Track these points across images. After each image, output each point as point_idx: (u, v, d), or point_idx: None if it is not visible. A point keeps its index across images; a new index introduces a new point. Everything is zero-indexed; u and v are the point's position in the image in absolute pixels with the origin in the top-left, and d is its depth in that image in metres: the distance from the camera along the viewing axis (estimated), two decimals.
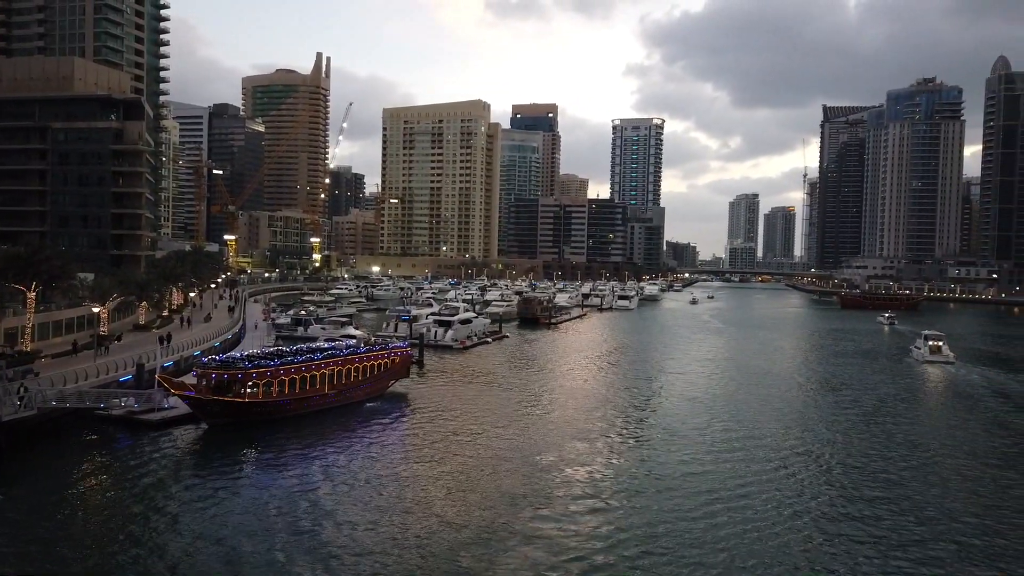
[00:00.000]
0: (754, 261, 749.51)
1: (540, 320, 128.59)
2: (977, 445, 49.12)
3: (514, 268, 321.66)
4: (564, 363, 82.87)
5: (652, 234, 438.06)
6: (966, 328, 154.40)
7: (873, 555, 29.93)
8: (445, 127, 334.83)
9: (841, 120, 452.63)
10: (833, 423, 54.77)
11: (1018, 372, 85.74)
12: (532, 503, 34.66)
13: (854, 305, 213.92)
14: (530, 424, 51.21)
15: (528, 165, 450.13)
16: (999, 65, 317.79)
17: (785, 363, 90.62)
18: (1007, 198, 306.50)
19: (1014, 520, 34.47)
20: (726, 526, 32.44)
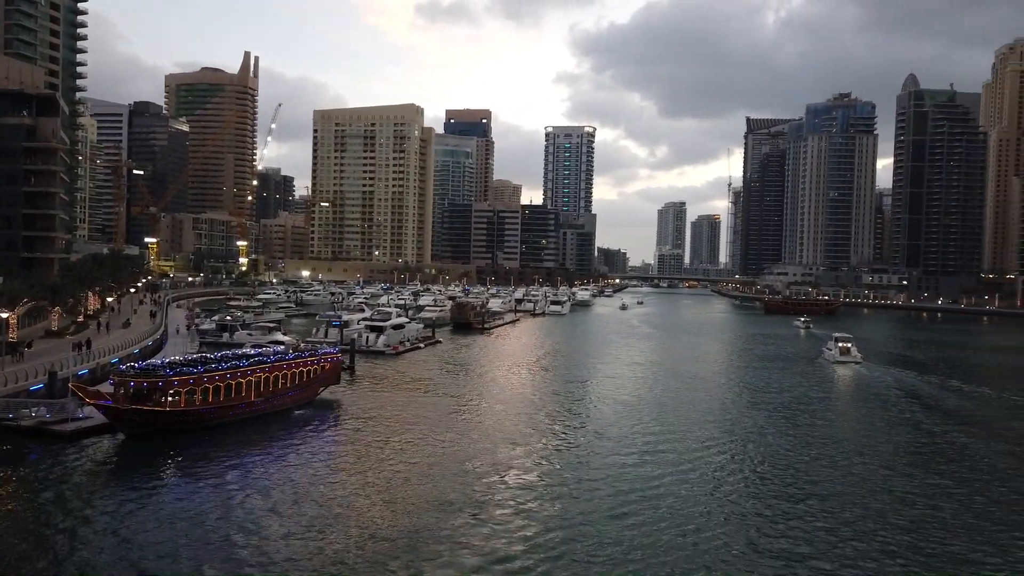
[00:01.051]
0: (682, 267, 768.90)
1: (473, 325, 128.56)
2: (885, 441, 51.60)
3: (447, 273, 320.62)
4: (497, 368, 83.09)
5: (584, 240, 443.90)
6: (877, 332, 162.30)
7: (790, 552, 31.07)
8: (378, 130, 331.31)
9: (763, 132, 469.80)
10: (753, 423, 56.63)
11: (920, 371, 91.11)
12: (462, 508, 34.62)
13: (777, 310, 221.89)
14: (462, 429, 51.14)
15: (462, 170, 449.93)
16: (909, 82, 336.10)
17: (711, 366, 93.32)
18: (916, 209, 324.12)
19: (925, 514, 36.32)
20: (650, 525, 33.13)
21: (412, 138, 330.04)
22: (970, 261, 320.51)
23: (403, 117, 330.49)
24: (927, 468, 45.42)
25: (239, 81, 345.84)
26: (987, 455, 49.02)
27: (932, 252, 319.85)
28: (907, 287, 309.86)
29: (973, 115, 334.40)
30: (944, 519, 35.53)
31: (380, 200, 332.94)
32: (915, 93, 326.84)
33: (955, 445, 51.83)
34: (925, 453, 49.51)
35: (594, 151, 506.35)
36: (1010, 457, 48.67)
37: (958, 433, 55.77)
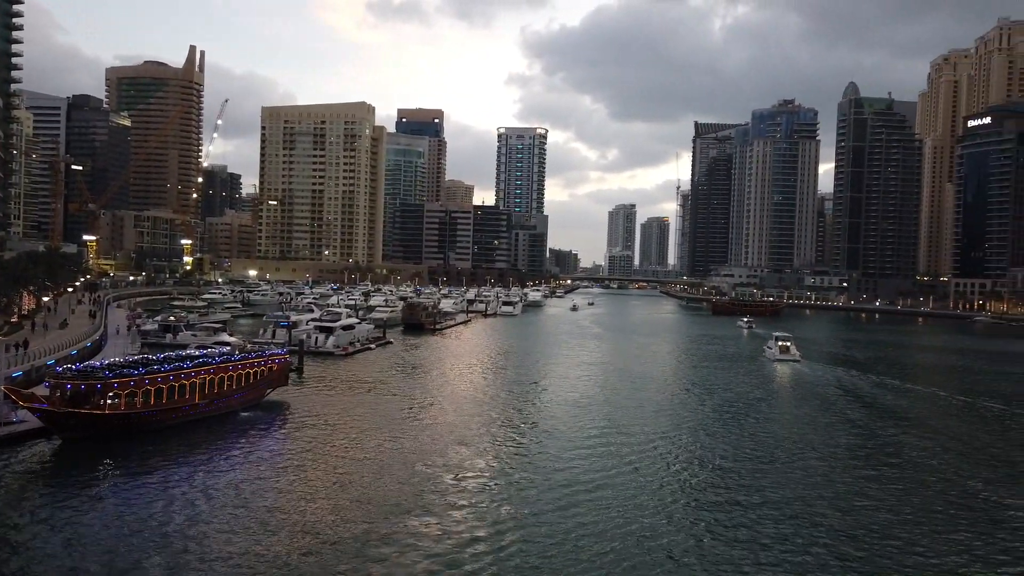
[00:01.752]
0: (632, 269, 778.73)
1: (425, 326, 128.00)
2: (823, 437, 53.19)
3: (399, 273, 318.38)
4: (449, 369, 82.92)
5: (536, 241, 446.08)
6: (818, 332, 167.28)
7: (734, 548, 31.85)
8: (328, 128, 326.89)
9: (711, 136, 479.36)
10: (699, 422, 57.78)
11: (856, 369, 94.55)
12: (411, 510, 34.49)
13: (724, 311, 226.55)
14: (412, 430, 50.91)
15: (414, 170, 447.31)
16: (849, 90, 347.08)
17: (659, 366, 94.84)
18: (856, 213, 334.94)
19: (863, 508, 37.60)
20: (601, 525, 33.52)
21: (363, 137, 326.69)
22: (906, 264, 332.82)
23: (354, 115, 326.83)
24: (864, 464, 46.97)
25: (184, 76, 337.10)
26: (922, 452, 51.00)
27: (871, 255, 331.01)
28: (847, 289, 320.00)
29: (910, 123, 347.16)
30: (882, 516, 36.75)
31: (330, 199, 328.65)
32: (855, 101, 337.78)
33: (891, 442, 53.76)
34: (862, 449, 51.18)
35: (546, 152, 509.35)
36: (945, 454, 50.67)
37: (894, 430, 57.88)
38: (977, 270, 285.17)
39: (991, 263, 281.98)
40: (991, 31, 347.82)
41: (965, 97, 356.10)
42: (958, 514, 36.99)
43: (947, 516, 36.59)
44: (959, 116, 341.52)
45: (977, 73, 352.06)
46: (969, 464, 47.32)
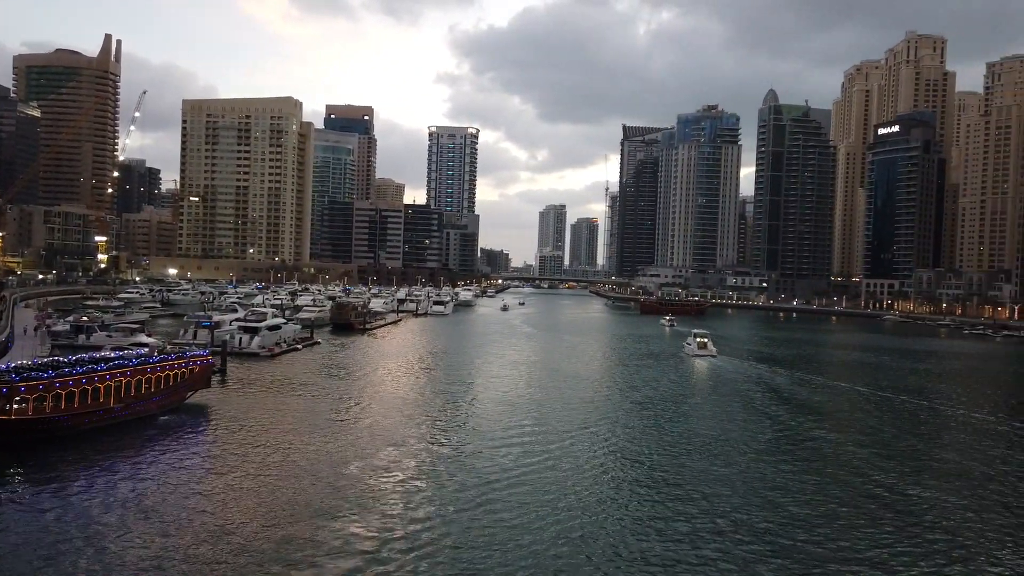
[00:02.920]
0: (562, 268, 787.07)
1: (354, 326, 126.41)
2: (738, 430, 55.33)
3: (327, 272, 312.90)
4: (379, 369, 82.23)
5: (467, 241, 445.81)
6: (739, 330, 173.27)
7: (655, 544, 32.89)
8: (253, 123, 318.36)
9: (638, 139, 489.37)
10: (624, 418, 59.15)
11: (771, 365, 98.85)
12: (337, 513, 34.21)
13: (652, 310, 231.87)
14: (341, 432, 50.37)
15: (343, 167, 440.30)
16: (769, 97, 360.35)
17: (587, 364, 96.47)
18: (775, 216, 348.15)
19: (781, 501, 39.34)
20: (532, 525, 34.03)
21: (290, 132, 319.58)
22: (821, 265, 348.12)
23: (280, 110, 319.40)
24: (781, 458, 49.02)
25: (99, 65, 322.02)
26: (835, 445, 53.64)
27: (789, 256, 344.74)
28: (767, 289, 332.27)
29: (825, 130, 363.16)
30: (802, 511, 38.46)
31: (255, 196, 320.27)
32: (774, 108, 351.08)
33: (806, 436, 56.31)
34: (778, 443, 53.39)
35: (477, 152, 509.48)
36: (858, 447, 53.39)
37: (809, 424, 60.61)
38: (886, 271, 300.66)
39: (899, 265, 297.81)
40: (899, 43, 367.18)
41: (876, 106, 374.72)
42: (873, 507, 38.74)
43: (862, 509, 38.25)
44: (870, 124, 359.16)
45: (887, 83, 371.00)
46: (881, 458, 49.98)
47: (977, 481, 44.31)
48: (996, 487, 43.07)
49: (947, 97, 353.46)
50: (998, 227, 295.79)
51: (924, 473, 45.88)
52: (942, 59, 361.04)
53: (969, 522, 36.39)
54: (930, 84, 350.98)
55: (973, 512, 38.01)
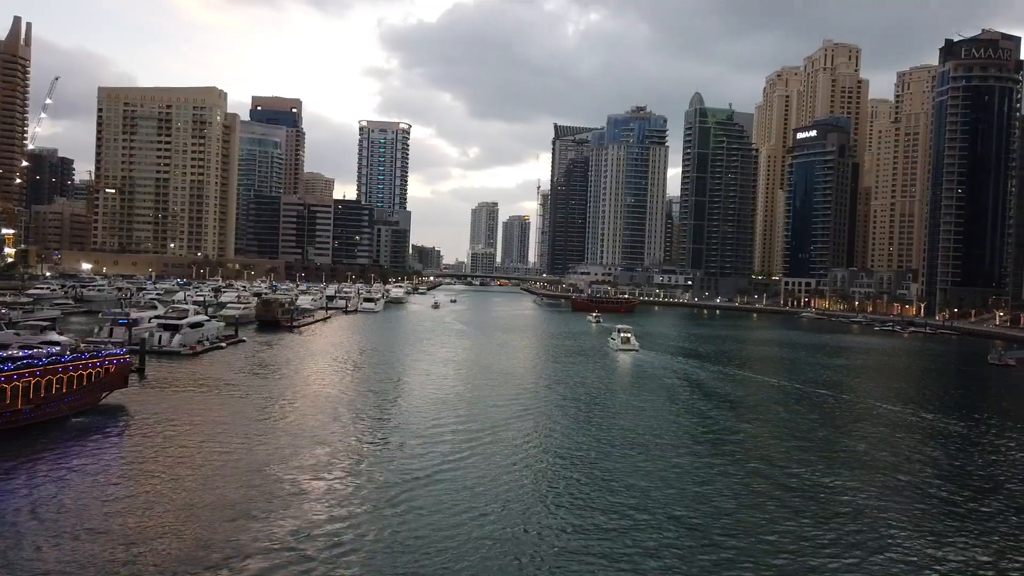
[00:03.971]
0: (494, 266, 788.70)
1: (281, 323, 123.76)
2: (665, 425, 56.93)
3: (253, 268, 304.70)
4: (306, 367, 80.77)
5: (399, 237, 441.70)
6: (665, 327, 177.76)
7: (582, 540, 33.57)
8: (175, 113, 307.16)
9: (569, 139, 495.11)
10: (553, 414, 59.94)
11: (693, 358, 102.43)
12: (259, 515, 33.46)
13: (583, 308, 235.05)
14: (265, 432, 49.31)
15: (270, 161, 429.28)
16: (695, 100, 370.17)
17: (518, 361, 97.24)
18: (700, 216, 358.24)
19: (704, 494, 40.64)
20: (461, 522, 34.17)
21: (214, 123, 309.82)
22: (743, 264, 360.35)
23: (204, 101, 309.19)
24: (702, 451, 50.62)
25: (7, 49, 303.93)
26: (754, 438, 55.75)
27: (713, 255, 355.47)
28: (692, 286, 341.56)
29: (747, 133, 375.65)
30: (725, 503, 39.79)
31: (177, 189, 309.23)
32: (700, 111, 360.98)
33: (727, 428, 58.31)
34: (701, 437, 55.07)
35: (409, 148, 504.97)
36: (777, 440, 55.64)
37: (729, 416, 62.79)
38: (804, 270, 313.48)
39: (815, 264, 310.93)
40: (817, 52, 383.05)
41: (795, 111, 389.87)
42: (793, 498, 40.35)
43: (784, 500, 39.75)
44: (790, 128, 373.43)
45: (805, 89, 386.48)
46: (799, 449, 52.19)
47: (886, 470, 46.85)
48: (904, 476, 45.62)
49: (861, 104, 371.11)
50: (906, 229, 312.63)
51: (838, 463, 48.20)
52: (856, 67, 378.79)
53: (879, 509, 38.46)
54: (845, 91, 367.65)
55: (883, 500, 40.19)
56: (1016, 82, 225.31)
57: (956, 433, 60.00)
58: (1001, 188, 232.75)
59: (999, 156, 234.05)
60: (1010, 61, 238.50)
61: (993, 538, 34.80)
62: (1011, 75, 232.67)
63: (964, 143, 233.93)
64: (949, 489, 43.16)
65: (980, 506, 39.91)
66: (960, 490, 43.11)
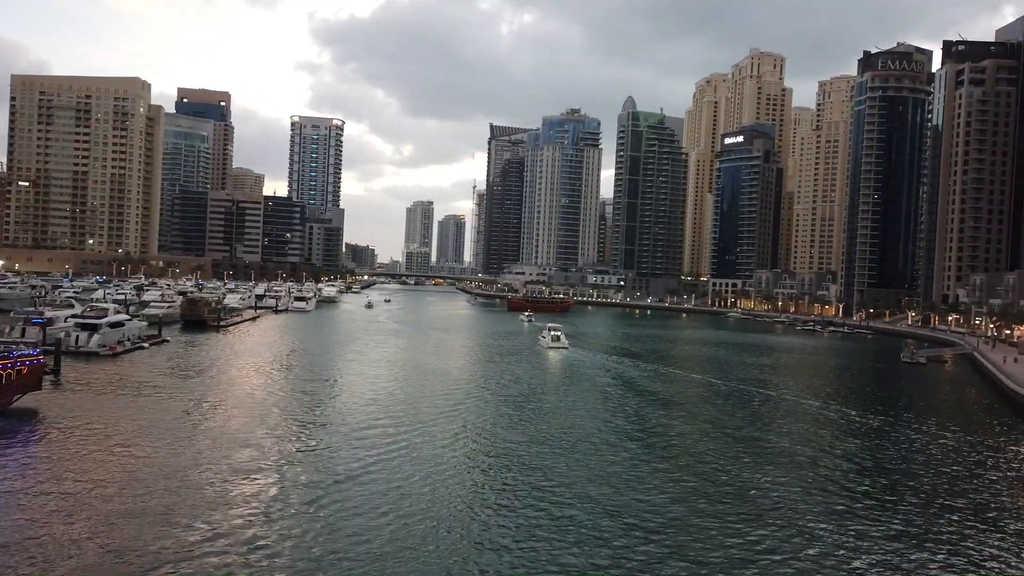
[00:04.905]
0: (429, 265, 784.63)
1: (207, 323, 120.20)
2: (596, 423, 57.85)
3: (178, 266, 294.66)
4: (234, 368, 78.61)
5: (331, 235, 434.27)
6: (598, 327, 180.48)
7: (516, 540, 33.81)
8: (94, 104, 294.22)
9: (505, 139, 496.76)
10: (486, 413, 60.19)
11: (620, 356, 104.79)
12: (180, 521, 32.35)
13: (519, 308, 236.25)
14: (188, 435, 47.77)
15: (196, 155, 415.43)
16: (628, 103, 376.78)
17: (451, 360, 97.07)
18: (632, 217, 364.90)
19: (637, 492, 41.45)
20: (390, 525, 33.88)
21: (137, 115, 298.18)
22: (673, 265, 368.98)
23: (126, 91, 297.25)
24: (634, 448, 51.63)
25: None
26: (684, 436, 57.17)
27: (644, 256, 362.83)
28: (624, 287, 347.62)
29: (678, 137, 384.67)
30: (657, 498, 40.69)
31: (96, 182, 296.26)
32: (632, 114, 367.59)
33: (656, 425, 59.64)
34: (632, 434, 56.11)
35: (343, 145, 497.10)
36: (704, 437, 57.17)
37: (659, 413, 64.23)
38: (730, 271, 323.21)
39: (741, 265, 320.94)
40: (744, 59, 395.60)
41: (723, 116, 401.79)
42: (720, 493, 41.66)
43: (712, 496, 40.93)
44: (718, 133, 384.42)
45: (733, 96, 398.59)
46: (724, 445, 53.78)
47: (809, 465, 48.76)
48: (825, 471, 47.57)
49: (785, 111, 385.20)
50: (827, 232, 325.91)
51: (764, 460, 49.89)
52: (781, 76, 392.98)
53: (803, 503, 40.01)
54: (771, 99, 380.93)
55: (806, 495, 41.84)
56: (928, 93, 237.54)
57: (872, 428, 62.98)
58: (914, 195, 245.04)
59: (912, 164, 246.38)
60: (922, 73, 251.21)
61: (909, 529, 36.70)
62: (923, 87, 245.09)
63: (880, 151, 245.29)
64: (867, 483, 45.29)
65: (896, 498, 42.02)
66: (877, 483, 45.29)
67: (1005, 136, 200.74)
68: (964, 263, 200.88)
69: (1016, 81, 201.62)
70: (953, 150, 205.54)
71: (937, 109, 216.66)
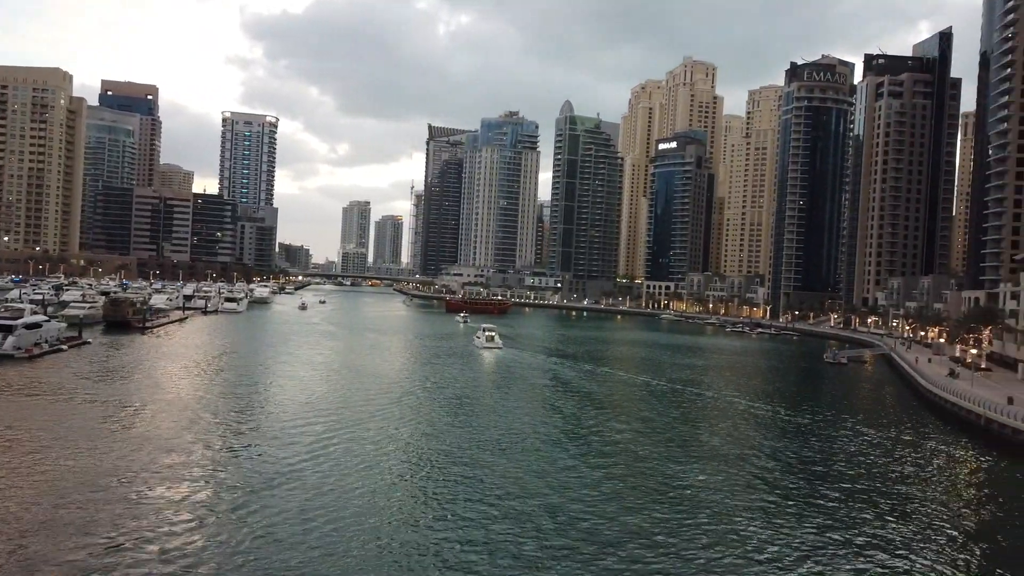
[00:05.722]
0: (366, 266, 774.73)
1: (132, 324, 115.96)
2: (534, 422, 58.37)
3: (101, 265, 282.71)
4: (159, 371, 76.00)
5: (264, 235, 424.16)
6: (535, 328, 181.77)
7: (451, 543, 33.85)
8: (11, 95, 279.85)
9: (444, 140, 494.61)
10: (422, 414, 59.98)
11: (554, 357, 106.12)
12: (97, 530, 31.21)
13: (457, 309, 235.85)
14: (112, 442, 45.99)
15: (121, 150, 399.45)
16: (566, 107, 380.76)
17: (386, 362, 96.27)
18: (569, 220, 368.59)
19: (575, 491, 41.96)
20: (324, 530, 33.47)
21: (57, 107, 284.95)
22: (609, 267, 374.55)
23: (45, 82, 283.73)
24: (568, 448, 52.23)
25: None
26: (616, 432, 58.17)
27: (581, 258, 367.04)
28: (561, 289, 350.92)
29: (614, 142, 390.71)
30: (590, 493, 41.24)
31: (13, 176, 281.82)
32: (570, 118, 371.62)
33: (590, 424, 60.47)
34: (567, 434, 56.76)
35: (276, 142, 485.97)
36: (637, 435, 58.25)
37: (592, 412, 65.18)
38: (664, 274, 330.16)
39: (675, 268, 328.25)
40: (678, 67, 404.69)
41: (658, 122, 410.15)
42: (653, 490, 42.61)
43: (646, 493, 41.82)
44: (653, 139, 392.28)
45: (667, 102, 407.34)
46: (656, 444, 54.94)
47: (737, 462, 50.30)
48: (751, 468, 49.17)
49: (716, 119, 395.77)
50: (755, 237, 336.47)
51: (693, 458, 51.24)
52: (713, 84, 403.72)
53: (728, 500, 41.30)
54: (703, 106, 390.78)
55: (735, 491, 43.19)
56: (850, 104, 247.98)
57: (797, 426, 65.43)
58: (837, 201, 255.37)
59: (835, 172, 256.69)
60: (845, 85, 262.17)
61: (831, 522, 38.32)
62: (846, 98, 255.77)
63: (806, 159, 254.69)
64: (792, 479, 47.06)
65: (819, 493, 43.80)
66: (802, 479, 47.11)
67: (921, 147, 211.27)
68: (883, 267, 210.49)
69: (931, 95, 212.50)
70: (873, 159, 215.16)
71: (858, 120, 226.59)
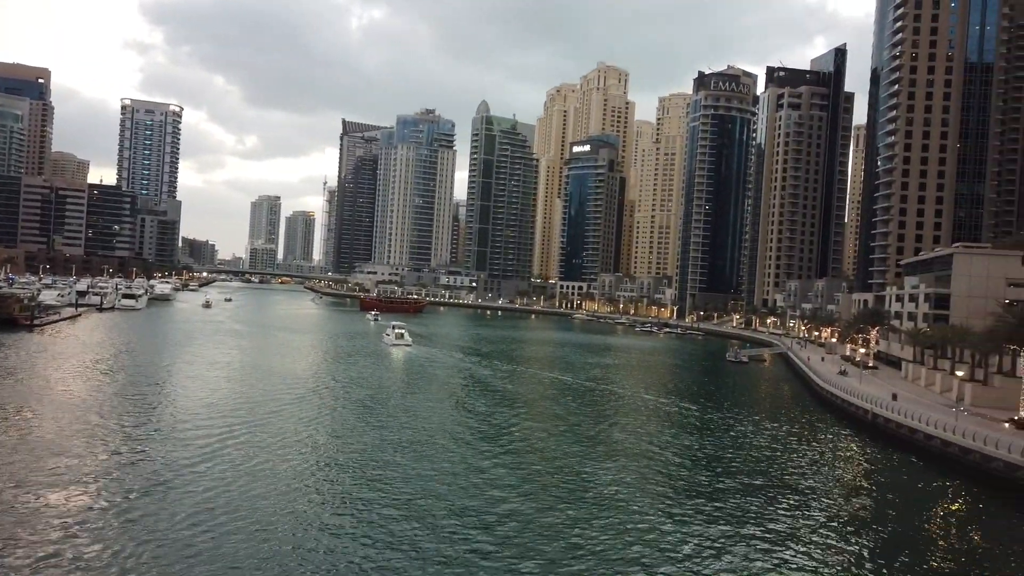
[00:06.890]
0: (275, 263, 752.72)
1: (19, 321, 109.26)
2: (445, 420, 58.60)
3: None
4: (48, 371, 71.72)
5: (166, 228, 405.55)
6: (450, 327, 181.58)
7: (361, 544, 33.64)
8: None
9: (358, 135, 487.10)
10: (331, 414, 59.16)
11: (465, 354, 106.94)
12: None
13: (372, 308, 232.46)
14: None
15: (8, 135, 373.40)
16: (482, 107, 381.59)
17: (293, 361, 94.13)
18: (485, 219, 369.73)
19: (488, 489, 42.32)
20: (225, 535, 32.64)
21: None
22: (524, 267, 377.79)
23: None
24: (478, 444, 52.69)
25: None
26: (529, 431, 59.00)
27: (496, 258, 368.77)
28: (476, 288, 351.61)
29: (530, 143, 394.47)
30: (499, 492, 41.73)
31: None
32: (486, 118, 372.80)
33: (503, 423, 61.08)
34: (479, 432, 57.22)
35: (180, 132, 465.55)
36: (549, 434, 59.22)
37: (504, 411, 65.80)
38: (577, 274, 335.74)
39: (587, 269, 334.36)
40: (592, 72, 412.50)
41: (572, 125, 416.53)
42: (565, 490, 43.40)
43: (555, 491, 42.60)
44: (567, 141, 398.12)
45: (581, 106, 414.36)
46: (568, 442, 56.07)
47: (643, 457, 51.99)
48: (657, 463, 50.95)
49: (628, 124, 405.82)
50: (664, 239, 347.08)
51: (603, 454, 52.61)
52: (625, 90, 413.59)
53: (636, 494, 42.66)
54: (616, 111, 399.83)
55: (640, 485, 44.65)
56: (753, 114, 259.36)
57: (700, 421, 68.15)
58: (740, 206, 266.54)
59: (739, 178, 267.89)
60: (749, 95, 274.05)
61: (736, 515, 40.20)
62: (749, 107, 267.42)
63: (712, 165, 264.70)
64: (696, 472, 49.04)
65: (721, 485, 45.84)
66: (705, 472, 49.16)
67: (817, 157, 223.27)
68: (782, 270, 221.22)
69: (827, 107, 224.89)
70: (773, 167, 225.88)
71: (761, 129, 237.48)
